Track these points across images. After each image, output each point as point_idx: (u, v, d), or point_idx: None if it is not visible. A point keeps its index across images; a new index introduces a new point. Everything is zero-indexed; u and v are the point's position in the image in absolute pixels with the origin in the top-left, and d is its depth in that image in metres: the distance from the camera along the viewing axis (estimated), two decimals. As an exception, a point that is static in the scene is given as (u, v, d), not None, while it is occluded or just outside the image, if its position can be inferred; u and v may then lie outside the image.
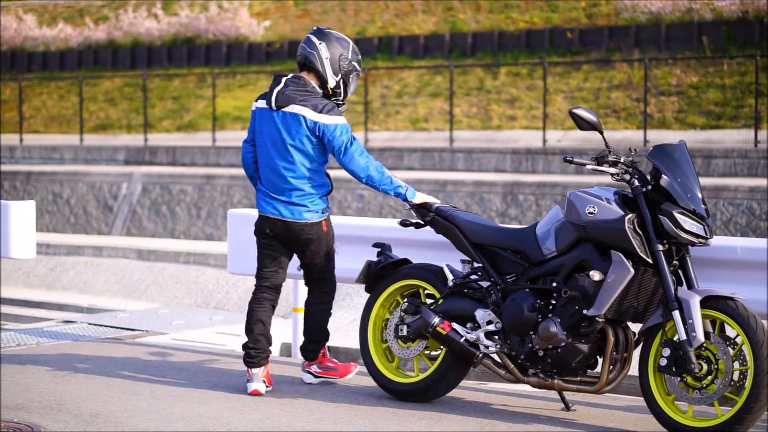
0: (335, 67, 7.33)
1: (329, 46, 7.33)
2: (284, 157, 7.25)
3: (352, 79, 7.42)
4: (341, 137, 7.18)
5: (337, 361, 7.88)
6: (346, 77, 7.37)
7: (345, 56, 7.36)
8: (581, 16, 24.53)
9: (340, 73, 7.34)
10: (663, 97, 20.95)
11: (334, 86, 7.34)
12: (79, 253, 16.34)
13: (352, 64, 7.38)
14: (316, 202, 7.34)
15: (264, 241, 7.52)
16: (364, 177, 7.18)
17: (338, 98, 7.41)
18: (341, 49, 7.35)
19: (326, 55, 7.33)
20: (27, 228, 10.58)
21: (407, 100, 23.90)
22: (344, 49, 7.37)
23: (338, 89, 7.37)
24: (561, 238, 6.74)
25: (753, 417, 6.16)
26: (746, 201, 15.64)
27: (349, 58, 7.37)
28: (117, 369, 8.23)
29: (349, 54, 7.38)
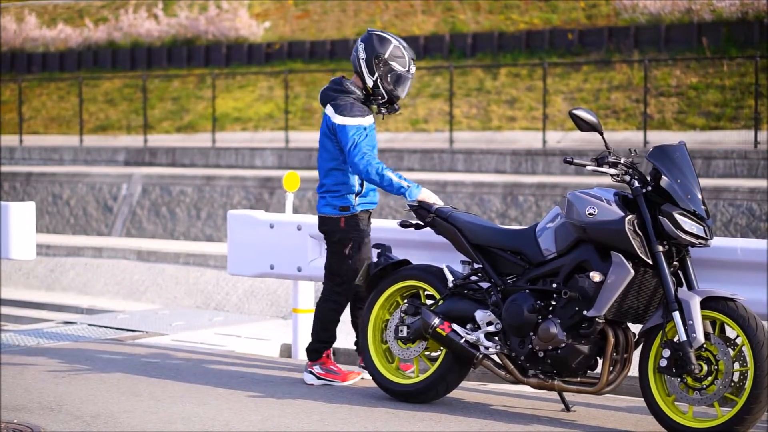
0: (371, 67, 7.40)
1: (366, 47, 7.42)
2: (319, 153, 7.61)
3: (392, 79, 7.39)
4: (349, 138, 7.31)
5: (341, 365, 7.87)
6: (384, 77, 7.38)
7: (382, 56, 7.38)
8: (581, 16, 24.53)
9: (376, 72, 7.38)
10: (663, 98, 20.95)
11: (372, 86, 7.41)
12: (79, 254, 16.33)
13: (389, 64, 7.38)
14: (336, 198, 7.49)
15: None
16: (366, 179, 7.33)
17: (378, 99, 7.44)
18: (379, 49, 7.39)
19: (363, 55, 7.43)
20: (27, 229, 10.58)
21: (407, 101, 23.90)
22: (383, 48, 7.40)
23: (377, 89, 7.41)
24: (561, 239, 6.75)
25: (753, 418, 6.16)
26: (746, 202, 15.64)
27: (385, 58, 7.38)
28: (117, 370, 8.23)
29: (386, 53, 7.38)
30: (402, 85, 7.46)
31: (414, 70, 7.50)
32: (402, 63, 7.42)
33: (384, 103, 7.50)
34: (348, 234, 7.52)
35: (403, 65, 7.42)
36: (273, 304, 13.28)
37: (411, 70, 7.47)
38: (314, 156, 21.47)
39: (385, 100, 7.48)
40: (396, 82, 7.43)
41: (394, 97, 7.47)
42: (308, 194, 18.98)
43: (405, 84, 7.47)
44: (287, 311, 12.75)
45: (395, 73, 7.41)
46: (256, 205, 19.34)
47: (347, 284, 7.59)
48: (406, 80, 7.46)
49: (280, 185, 18.85)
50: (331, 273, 7.61)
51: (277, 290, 13.38)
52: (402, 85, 7.46)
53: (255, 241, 9.12)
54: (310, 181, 19.03)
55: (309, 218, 8.98)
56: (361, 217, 7.55)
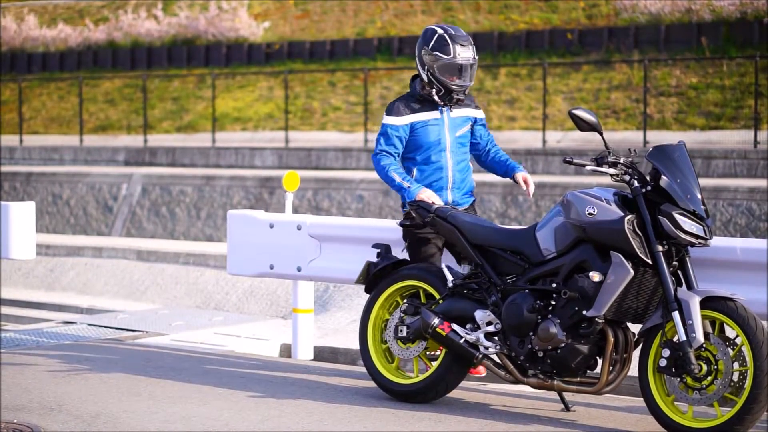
0: (420, 60, 7.36)
1: (418, 43, 7.41)
2: None
3: (438, 68, 7.27)
4: (377, 136, 7.44)
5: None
6: (432, 68, 7.30)
7: (426, 48, 7.33)
8: (581, 16, 24.53)
9: (425, 65, 7.32)
10: (662, 97, 20.95)
11: (426, 81, 7.36)
12: (79, 254, 16.34)
13: (433, 53, 7.29)
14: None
15: None
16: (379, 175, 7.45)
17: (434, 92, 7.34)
18: (422, 42, 7.36)
19: (416, 52, 7.40)
20: (27, 229, 10.58)
21: (407, 101, 23.87)
22: (426, 40, 7.35)
23: (432, 81, 7.33)
24: (560, 238, 6.75)
25: (753, 417, 6.16)
26: (746, 202, 15.64)
27: (429, 48, 7.30)
28: (117, 370, 8.23)
29: (430, 44, 7.31)
30: (450, 72, 7.27)
31: (467, 55, 7.28)
32: (447, 50, 7.25)
33: (443, 95, 7.36)
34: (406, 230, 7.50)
35: (448, 52, 7.25)
36: (273, 304, 13.28)
37: (460, 56, 7.26)
38: (313, 156, 21.49)
39: (443, 92, 7.35)
40: (443, 70, 7.28)
41: (451, 87, 7.31)
42: (308, 194, 18.99)
43: (454, 71, 7.27)
44: (287, 311, 12.75)
45: (441, 61, 7.26)
46: (256, 205, 19.34)
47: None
48: (453, 67, 7.26)
49: (280, 185, 18.85)
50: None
51: (277, 290, 13.38)
52: (450, 72, 7.27)
53: (255, 241, 9.12)
54: (310, 181, 19.04)
55: (309, 218, 8.98)
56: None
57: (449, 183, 7.43)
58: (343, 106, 24.52)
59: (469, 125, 7.52)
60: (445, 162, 7.42)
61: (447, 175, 7.42)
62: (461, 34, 7.34)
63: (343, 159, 21.16)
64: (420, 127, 7.37)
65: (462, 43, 7.29)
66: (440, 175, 7.42)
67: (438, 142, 7.36)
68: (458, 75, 7.30)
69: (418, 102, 7.42)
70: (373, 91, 24.09)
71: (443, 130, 7.39)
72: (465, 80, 7.32)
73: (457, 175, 7.45)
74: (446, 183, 7.43)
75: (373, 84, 24.32)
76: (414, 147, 7.41)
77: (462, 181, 7.49)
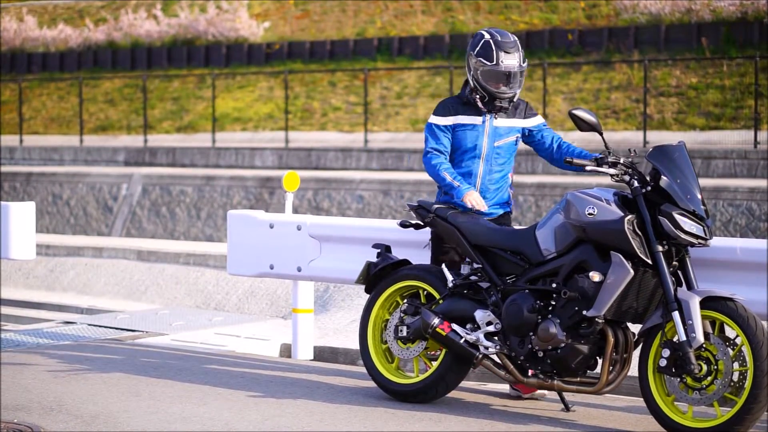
0: (467, 64, 7.23)
1: (468, 48, 7.27)
2: None
3: (482, 74, 7.11)
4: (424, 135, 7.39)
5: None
6: (476, 74, 7.15)
7: (472, 53, 7.19)
8: (581, 17, 24.53)
9: (471, 70, 7.19)
10: (662, 98, 20.95)
11: (472, 86, 7.24)
12: (79, 254, 16.33)
13: (477, 58, 7.14)
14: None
15: None
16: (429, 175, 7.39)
17: (478, 98, 7.20)
18: (470, 46, 7.23)
19: (466, 55, 7.28)
20: (27, 229, 10.58)
21: (407, 101, 23.90)
22: (473, 44, 7.22)
23: (477, 88, 7.19)
24: (560, 239, 6.75)
25: (753, 417, 6.16)
26: (746, 202, 15.64)
27: (474, 53, 7.16)
28: (117, 370, 8.23)
29: (476, 49, 7.16)
30: (493, 79, 7.10)
31: (511, 63, 7.06)
32: (490, 57, 7.08)
33: (486, 101, 7.21)
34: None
35: (492, 59, 7.08)
36: (273, 304, 13.27)
37: (503, 63, 7.07)
38: (313, 156, 21.49)
39: (487, 99, 7.19)
40: (486, 77, 7.12)
41: (494, 94, 7.12)
42: (308, 194, 18.99)
43: (498, 78, 7.09)
44: (287, 311, 12.75)
45: (485, 67, 7.09)
46: (256, 205, 19.35)
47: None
48: (497, 74, 7.08)
49: (280, 185, 18.85)
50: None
51: (277, 290, 13.37)
52: (493, 79, 7.10)
53: (255, 241, 9.12)
54: (310, 181, 19.04)
55: (309, 218, 8.98)
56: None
57: (476, 190, 7.26)
58: (343, 106, 24.52)
59: (514, 137, 7.30)
60: (476, 169, 7.27)
61: (475, 182, 7.28)
62: (508, 40, 7.14)
63: (343, 159, 21.16)
64: (459, 130, 7.24)
65: (507, 50, 7.08)
66: (468, 182, 7.27)
67: (473, 148, 7.22)
68: (504, 82, 7.10)
69: (464, 105, 7.27)
70: (373, 91, 24.09)
71: (482, 137, 7.24)
72: (512, 88, 7.12)
73: (487, 184, 7.29)
74: (474, 184, 7.29)
75: (373, 84, 24.31)
76: (451, 149, 7.31)
77: (493, 191, 7.32)
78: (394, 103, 23.96)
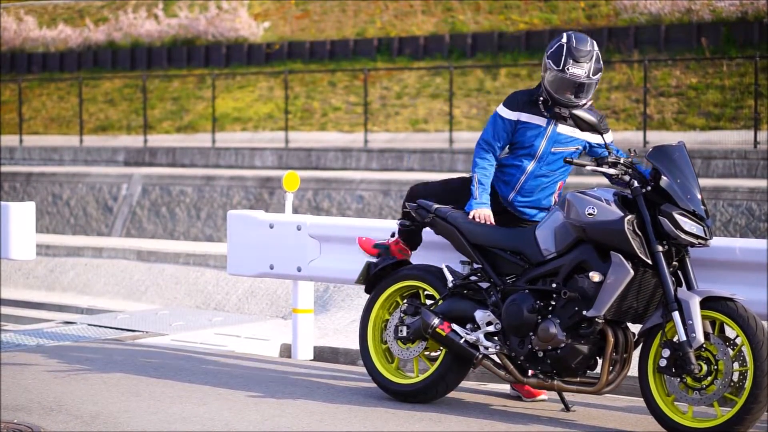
0: (543, 65, 7.03)
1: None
2: None
3: (548, 78, 6.91)
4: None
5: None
6: (544, 75, 6.95)
7: (546, 53, 6.98)
8: (581, 16, 24.53)
9: (546, 70, 6.97)
10: (662, 98, 20.95)
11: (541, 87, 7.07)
12: (79, 254, 16.33)
13: (547, 60, 6.91)
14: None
15: None
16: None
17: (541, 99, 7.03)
18: (548, 46, 7.02)
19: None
20: (27, 229, 10.58)
21: (407, 101, 23.90)
22: (550, 45, 7.01)
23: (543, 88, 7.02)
24: (560, 239, 6.75)
25: (753, 417, 6.16)
26: (746, 202, 15.64)
27: (547, 54, 6.96)
28: (117, 370, 8.23)
29: (549, 51, 6.96)
30: (558, 86, 6.88)
31: (577, 72, 6.81)
32: (558, 61, 6.86)
33: (548, 105, 7.02)
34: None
35: (558, 63, 6.86)
36: (273, 304, 13.27)
37: (569, 71, 6.83)
38: (313, 156, 21.49)
39: (549, 102, 6.99)
40: (552, 82, 6.91)
41: (554, 99, 6.94)
42: (308, 194, 18.99)
43: (563, 85, 6.87)
44: (287, 311, 12.75)
45: (551, 71, 6.89)
46: (256, 205, 19.34)
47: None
48: (562, 81, 6.86)
49: (280, 185, 18.85)
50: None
51: (277, 290, 13.37)
52: (558, 86, 6.88)
53: (255, 242, 9.12)
54: (310, 181, 19.04)
55: (309, 218, 8.98)
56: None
57: (518, 185, 7.19)
58: (343, 106, 24.52)
59: (574, 147, 7.12)
60: (525, 166, 7.15)
61: (520, 178, 7.18)
62: (582, 48, 6.87)
63: (343, 159, 21.16)
64: (521, 127, 7.09)
65: (578, 59, 6.82)
66: (513, 174, 7.18)
67: (530, 147, 7.08)
68: (570, 91, 6.89)
69: (532, 103, 7.08)
70: (373, 92, 24.09)
71: (541, 139, 7.08)
72: (577, 98, 6.91)
73: (531, 183, 7.18)
74: (515, 184, 7.20)
75: (373, 84, 24.31)
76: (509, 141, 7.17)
77: (534, 193, 7.22)
78: (394, 103, 23.96)
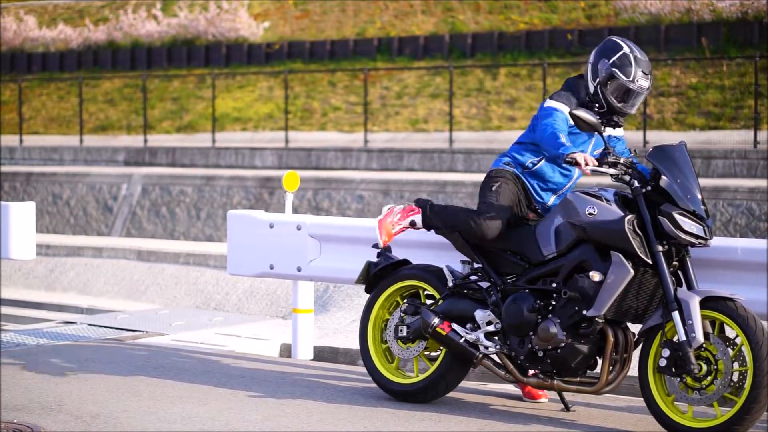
0: (594, 71, 6.92)
1: (597, 51, 6.97)
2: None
3: (611, 86, 6.82)
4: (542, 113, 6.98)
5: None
6: (604, 84, 6.86)
7: (606, 61, 6.87)
8: (581, 17, 24.53)
9: (598, 77, 6.87)
10: (662, 98, 20.95)
11: (592, 92, 6.93)
12: (79, 254, 16.33)
13: (611, 68, 6.82)
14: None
15: None
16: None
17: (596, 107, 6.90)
18: (602, 52, 6.91)
19: (591, 60, 6.98)
20: (27, 229, 10.58)
21: (407, 101, 23.90)
22: (607, 52, 6.90)
23: (597, 96, 6.89)
24: (560, 238, 6.75)
25: (752, 417, 6.16)
26: (746, 202, 15.64)
27: (609, 62, 6.85)
28: (117, 370, 8.23)
29: (612, 58, 6.85)
30: (622, 95, 6.84)
31: (644, 85, 6.81)
32: (628, 72, 6.80)
33: (604, 113, 6.90)
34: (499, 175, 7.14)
35: (629, 74, 6.80)
36: (273, 304, 13.28)
37: (638, 83, 6.80)
38: (313, 156, 21.49)
39: (605, 110, 6.95)
40: (616, 91, 6.84)
41: (614, 108, 6.87)
42: (308, 194, 18.99)
43: (627, 96, 6.84)
44: (287, 311, 12.75)
45: (617, 81, 6.82)
46: (256, 205, 19.35)
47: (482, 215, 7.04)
48: (627, 91, 6.82)
49: (280, 185, 18.85)
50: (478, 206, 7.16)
51: (277, 290, 13.38)
52: (622, 95, 6.84)
53: (255, 241, 9.12)
54: (310, 181, 19.04)
55: (309, 218, 8.98)
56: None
57: (562, 191, 7.13)
58: (343, 106, 24.52)
59: (602, 148, 6.99)
60: (572, 173, 7.10)
61: (567, 185, 7.13)
62: (646, 60, 6.90)
63: (343, 159, 21.16)
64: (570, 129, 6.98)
65: (645, 71, 6.85)
66: (560, 181, 7.10)
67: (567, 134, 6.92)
68: (630, 100, 6.87)
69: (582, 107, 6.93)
70: (373, 91, 24.09)
71: (587, 146, 7.03)
72: (632, 108, 6.90)
73: (573, 184, 7.15)
74: (559, 190, 7.12)
75: (373, 84, 24.31)
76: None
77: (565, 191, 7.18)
78: (394, 103, 23.96)
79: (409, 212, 7.37)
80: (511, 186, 7.09)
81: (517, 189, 7.10)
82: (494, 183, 7.08)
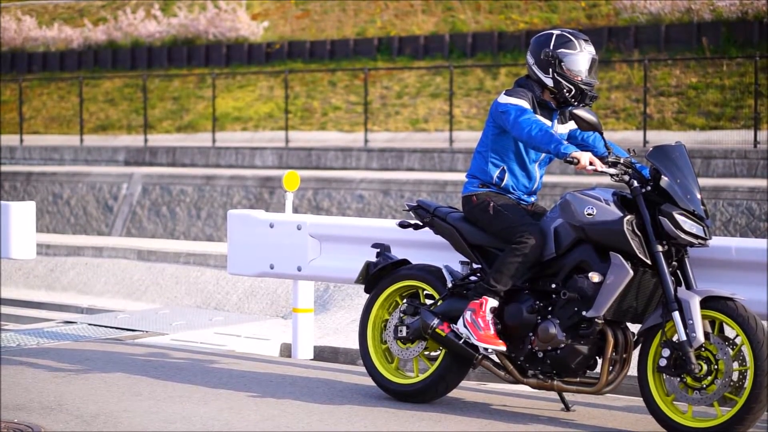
0: (541, 64, 6.85)
1: (532, 52, 6.90)
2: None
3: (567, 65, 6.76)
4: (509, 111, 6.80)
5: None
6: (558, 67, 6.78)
7: (547, 50, 6.84)
8: (581, 16, 24.53)
9: (550, 67, 6.81)
10: (662, 97, 20.95)
11: (552, 86, 6.84)
12: (79, 253, 16.33)
13: (556, 51, 6.78)
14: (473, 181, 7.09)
15: None
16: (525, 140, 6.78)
17: (566, 93, 6.80)
18: (538, 45, 6.87)
19: (531, 61, 6.91)
20: (27, 229, 10.58)
21: (407, 101, 23.90)
22: (544, 42, 6.86)
23: (559, 84, 6.81)
24: (560, 239, 6.74)
25: (753, 417, 6.16)
26: (746, 201, 15.64)
27: (551, 48, 6.81)
28: (117, 369, 8.23)
29: (551, 44, 6.82)
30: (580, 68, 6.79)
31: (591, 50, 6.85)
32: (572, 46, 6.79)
33: (575, 94, 6.81)
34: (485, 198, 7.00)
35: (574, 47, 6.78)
36: (273, 304, 13.28)
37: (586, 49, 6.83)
38: (314, 156, 21.50)
39: (574, 93, 6.80)
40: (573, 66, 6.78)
41: (583, 82, 6.80)
42: (308, 194, 18.99)
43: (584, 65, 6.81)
44: (287, 311, 12.75)
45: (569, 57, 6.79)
46: (256, 205, 19.35)
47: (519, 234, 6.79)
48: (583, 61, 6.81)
49: (280, 185, 18.85)
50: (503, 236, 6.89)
51: (277, 290, 13.38)
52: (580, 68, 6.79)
53: (255, 241, 9.12)
54: (310, 180, 19.04)
55: (309, 218, 8.98)
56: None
57: (531, 191, 7.08)
58: (344, 105, 24.52)
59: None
60: (533, 173, 7.03)
61: (533, 187, 7.05)
62: (580, 32, 6.94)
63: (343, 159, 21.16)
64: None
65: (584, 39, 6.86)
66: (526, 184, 7.03)
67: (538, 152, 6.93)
68: (586, 68, 6.81)
69: (538, 105, 6.91)
70: (373, 91, 24.09)
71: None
72: (595, 75, 6.86)
73: (538, 185, 7.09)
74: (530, 191, 7.07)
75: (373, 84, 24.31)
76: (515, 147, 6.97)
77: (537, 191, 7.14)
78: (394, 102, 23.96)
79: (480, 308, 6.86)
80: (500, 199, 6.98)
81: (505, 197, 7.02)
82: (488, 207, 6.95)
